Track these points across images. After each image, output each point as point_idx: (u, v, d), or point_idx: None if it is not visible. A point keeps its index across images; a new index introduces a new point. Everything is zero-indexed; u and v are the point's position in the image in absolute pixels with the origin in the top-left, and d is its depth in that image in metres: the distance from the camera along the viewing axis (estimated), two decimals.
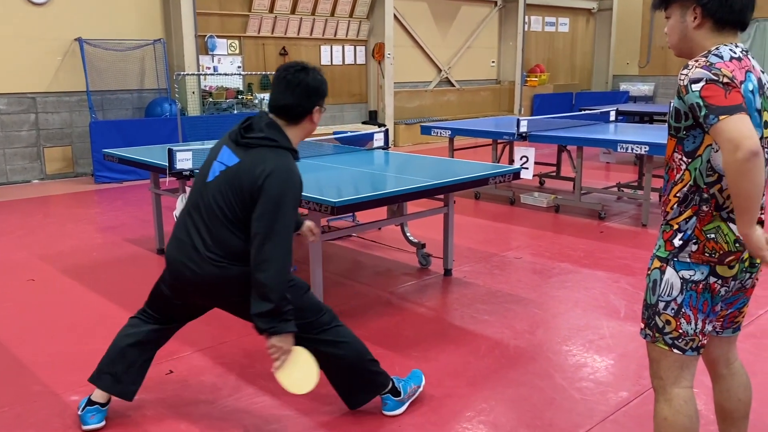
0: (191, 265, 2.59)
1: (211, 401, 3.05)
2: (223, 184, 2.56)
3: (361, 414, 2.93)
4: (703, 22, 1.96)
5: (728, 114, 1.77)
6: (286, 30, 11.28)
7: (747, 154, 1.73)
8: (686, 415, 2.05)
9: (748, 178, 1.76)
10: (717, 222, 1.96)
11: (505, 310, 4.14)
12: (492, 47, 15.10)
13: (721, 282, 1.98)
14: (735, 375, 2.25)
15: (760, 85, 1.95)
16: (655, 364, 2.12)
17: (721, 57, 1.90)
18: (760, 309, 4.09)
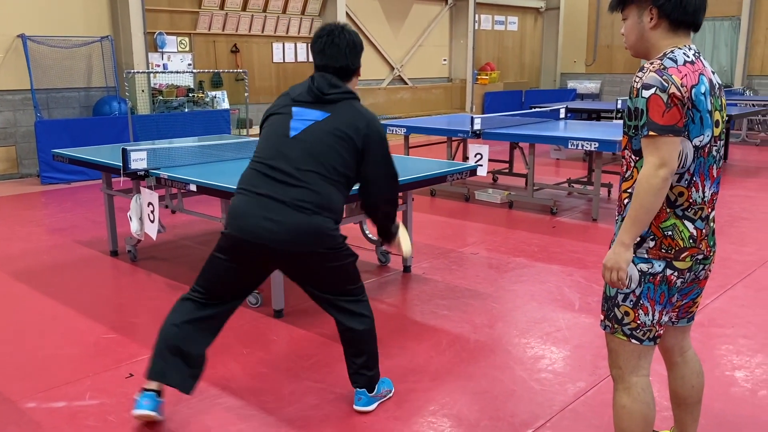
0: (276, 217, 2.60)
1: (174, 403, 3.01)
2: (321, 136, 2.67)
3: (325, 411, 2.95)
4: (659, 23, 2.04)
5: (659, 133, 1.92)
6: (237, 27, 11.15)
7: (667, 174, 1.92)
8: (644, 402, 2.13)
9: (660, 195, 1.94)
10: (672, 220, 2.05)
11: (464, 305, 4.22)
12: (443, 45, 15.24)
13: (677, 274, 2.07)
14: (689, 363, 2.35)
15: (712, 87, 2.04)
16: (613, 354, 2.19)
17: (675, 61, 1.98)
18: (707, 299, 4.27)
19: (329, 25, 2.87)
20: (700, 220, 2.07)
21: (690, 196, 2.05)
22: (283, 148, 2.69)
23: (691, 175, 2.03)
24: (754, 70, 14.09)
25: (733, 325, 3.86)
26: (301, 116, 2.73)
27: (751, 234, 5.86)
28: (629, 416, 2.15)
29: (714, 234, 2.17)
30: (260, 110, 11.69)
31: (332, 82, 2.77)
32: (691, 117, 1.97)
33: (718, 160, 2.12)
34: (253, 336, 3.75)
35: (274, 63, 11.96)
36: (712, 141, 2.05)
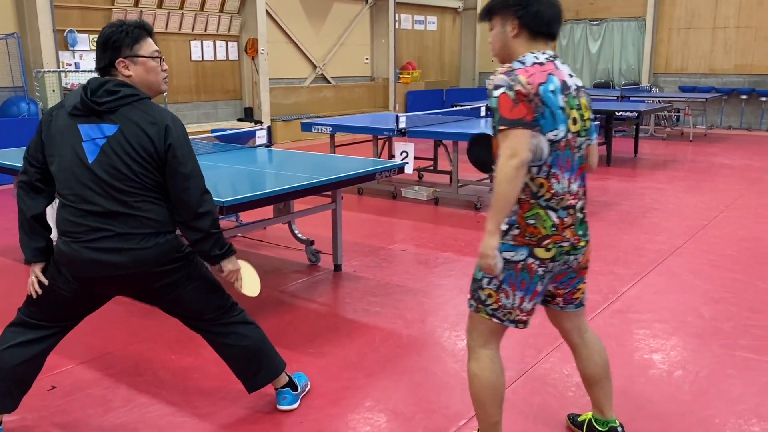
0: (115, 257, 2.42)
1: (101, 414, 2.91)
2: (119, 156, 2.40)
3: (261, 414, 2.92)
4: (519, 32, 2.27)
5: (509, 126, 2.11)
6: (153, 24, 10.82)
7: (518, 163, 2.09)
8: (491, 370, 2.37)
9: (514, 184, 2.11)
10: (536, 209, 2.22)
11: (395, 301, 4.26)
12: (365, 44, 15.30)
13: (539, 263, 2.24)
14: (588, 343, 2.56)
15: (564, 87, 2.23)
16: (471, 327, 2.42)
17: (524, 63, 2.23)
18: (624, 286, 4.48)
19: None
20: (563, 210, 2.23)
21: (551, 187, 2.21)
22: (89, 177, 2.41)
23: (549, 167, 2.20)
24: (659, 68, 14.86)
25: (648, 311, 4.07)
26: (90, 136, 2.42)
27: (662, 224, 6.19)
28: (479, 382, 2.38)
29: (583, 224, 2.33)
30: (179, 110, 11.41)
31: (109, 88, 2.43)
32: (541, 112, 2.15)
33: (583, 156, 2.31)
34: (182, 342, 3.66)
35: (193, 61, 11.69)
36: (572, 136, 2.23)
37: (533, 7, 2.23)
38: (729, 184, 8.09)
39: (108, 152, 2.41)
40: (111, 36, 2.48)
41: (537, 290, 2.29)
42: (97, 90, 2.43)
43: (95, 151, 2.41)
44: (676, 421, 2.84)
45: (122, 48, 2.48)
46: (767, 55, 13.58)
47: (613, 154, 9.80)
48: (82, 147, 2.42)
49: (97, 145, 2.41)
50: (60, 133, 2.46)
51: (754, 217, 6.42)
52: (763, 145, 11.80)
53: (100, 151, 2.41)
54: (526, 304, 2.29)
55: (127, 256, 2.44)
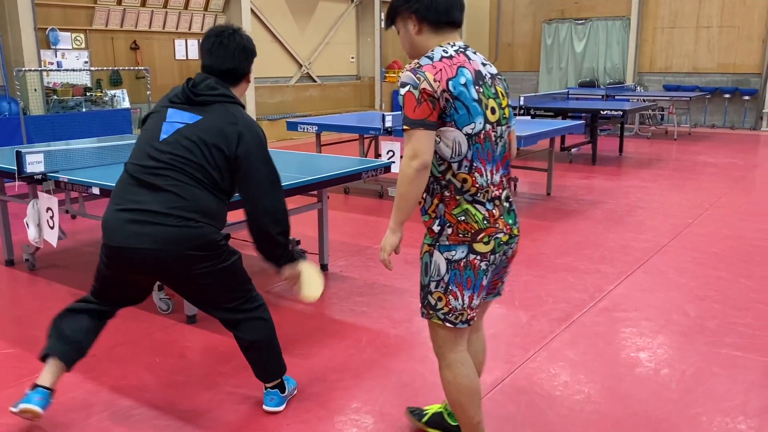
0: (149, 229, 2.51)
1: (83, 419, 2.86)
2: (189, 140, 2.57)
3: (246, 418, 2.88)
4: (421, 27, 2.23)
5: (411, 126, 2.09)
6: (136, 23, 10.73)
7: (419, 165, 2.08)
8: (464, 375, 2.33)
9: (414, 185, 2.11)
10: (464, 205, 2.19)
11: (382, 300, 4.24)
12: (351, 43, 15.27)
13: (480, 258, 2.20)
14: (478, 340, 2.56)
15: (478, 77, 2.18)
16: (433, 335, 2.37)
17: (432, 58, 2.16)
18: (610, 285, 4.49)
19: (222, 26, 2.80)
20: (489, 201, 2.21)
21: (475, 181, 2.18)
22: (153, 152, 2.60)
23: (470, 161, 2.16)
24: (644, 68, 14.95)
25: (635, 309, 4.07)
26: (173, 118, 2.64)
27: (647, 222, 6.22)
28: (456, 389, 2.34)
29: (511, 213, 2.33)
30: None
31: (211, 84, 2.67)
32: (454, 108, 2.10)
33: (505, 145, 2.28)
34: (166, 343, 3.62)
35: (177, 60, 11.60)
36: (491, 127, 2.19)
37: None
38: (713, 183, 8.15)
39: (180, 135, 2.59)
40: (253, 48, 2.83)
41: (483, 285, 2.26)
42: (199, 83, 2.66)
43: (169, 131, 2.61)
44: (663, 419, 2.84)
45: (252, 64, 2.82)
46: (750, 55, 13.71)
47: (599, 153, 9.84)
48: (161, 126, 2.64)
49: (174, 127, 2.62)
50: (153, 115, 2.72)
51: (737, 215, 6.46)
52: (746, 143, 11.91)
53: (174, 131, 2.61)
54: (475, 301, 2.26)
55: (162, 232, 2.51)
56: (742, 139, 12.42)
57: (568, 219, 6.34)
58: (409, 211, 2.16)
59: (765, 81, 13.53)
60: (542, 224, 6.15)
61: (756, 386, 3.12)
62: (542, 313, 4.01)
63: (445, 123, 2.12)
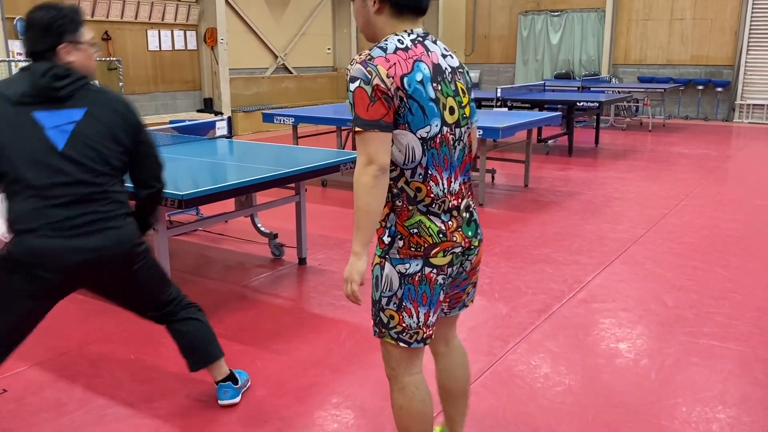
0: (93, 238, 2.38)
1: (55, 418, 2.79)
2: (94, 137, 2.38)
3: (223, 414, 2.83)
4: (381, 8, 1.95)
5: (364, 128, 1.84)
6: (108, 13, 10.51)
7: (376, 170, 1.83)
8: (419, 400, 2.10)
9: (374, 194, 1.84)
10: (417, 217, 1.95)
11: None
12: (327, 34, 15.14)
13: (436, 271, 1.97)
14: (453, 353, 2.28)
15: (436, 72, 1.93)
16: (386, 355, 2.12)
17: (385, 50, 1.89)
18: (588, 275, 4.50)
19: None
20: (445, 213, 1.97)
21: (430, 190, 1.93)
22: (59, 164, 2.33)
23: (424, 168, 1.92)
24: (619, 60, 15.05)
25: (613, 300, 4.09)
26: (56, 122, 2.34)
27: (624, 213, 6.25)
28: (408, 415, 2.11)
29: (472, 224, 2.06)
30: (136, 101, 11.11)
31: (57, 72, 2.34)
32: (408, 108, 1.86)
33: (465, 147, 2.04)
34: (140, 340, 3.54)
35: (150, 51, 11.40)
36: (449, 129, 1.95)
37: None
38: (687, 173, 8.23)
39: (79, 136, 2.36)
40: (54, 21, 2.39)
41: (439, 300, 2.02)
42: (44, 75, 2.33)
43: (65, 137, 2.35)
44: (643, 410, 2.85)
45: (65, 33, 2.39)
46: (722, 47, 13.87)
47: (575, 144, 9.89)
48: (45, 135, 2.33)
49: (64, 131, 2.35)
50: (8, 125, 2.32)
51: (712, 205, 6.53)
52: (719, 134, 12.06)
53: (70, 135, 2.35)
54: (431, 318, 2.01)
55: (108, 236, 2.42)
56: (715, 130, 12.57)
57: (545, 210, 6.36)
58: (374, 226, 1.89)
59: (737, 73, 13.71)
60: (520, 216, 6.15)
61: (734, 376, 3.14)
62: (522, 304, 4.01)
63: (398, 125, 1.87)
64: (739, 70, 13.67)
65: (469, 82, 2.10)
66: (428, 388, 2.14)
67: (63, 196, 2.33)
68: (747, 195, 6.98)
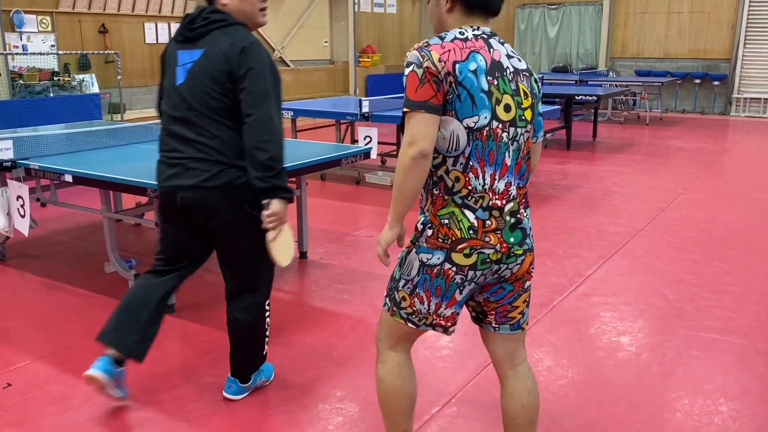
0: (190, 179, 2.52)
1: (60, 412, 2.79)
2: (200, 79, 2.50)
3: (228, 407, 2.84)
4: (453, 6, 2.00)
5: (411, 109, 1.86)
6: (105, 5, 10.46)
7: (416, 153, 1.85)
8: (398, 375, 2.15)
9: (410, 175, 1.87)
10: (451, 207, 1.94)
11: (363, 288, 4.21)
12: (324, 27, 15.10)
13: (456, 270, 1.95)
14: (520, 378, 2.18)
15: (495, 67, 1.94)
16: (381, 327, 2.19)
17: (443, 38, 1.93)
18: (589, 269, 4.52)
19: None
20: (483, 210, 1.93)
21: (468, 182, 1.92)
22: (176, 99, 2.57)
23: (466, 159, 1.91)
24: (616, 53, 15.06)
25: (614, 293, 4.11)
26: (182, 60, 2.57)
27: (623, 207, 6.27)
28: (384, 387, 2.17)
29: (517, 231, 1.98)
30: (133, 94, 11.09)
31: (204, 14, 2.54)
32: (457, 95, 1.87)
33: (520, 150, 2.00)
34: None
35: (147, 44, 11.36)
36: (500, 125, 1.93)
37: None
38: (685, 167, 8.25)
39: (192, 76, 2.52)
40: None
41: (455, 298, 2.00)
42: (195, 17, 2.57)
43: (183, 75, 2.55)
44: (645, 402, 2.87)
45: None
46: (720, 40, 13.88)
47: (573, 138, 9.90)
48: (175, 70, 2.58)
49: (185, 68, 2.55)
50: (167, 59, 2.65)
51: (710, 199, 6.56)
52: (716, 128, 12.09)
53: (187, 74, 2.54)
54: (443, 310, 2.02)
55: (188, 177, 2.53)
56: (712, 124, 12.60)
57: (544, 204, 6.37)
58: (407, 204, 1.92)
59: (734, 66, 13.73)
60: None
61: (734, 369, 3.16)
62: None
63: (446, 111, 1.88)
64: (736, 63, 13.69)
65: (536, 88, 2.07)
66: (412, 369, 2.19)
67: (174, 128, 2.58)
68: (744, 189, 7.01)
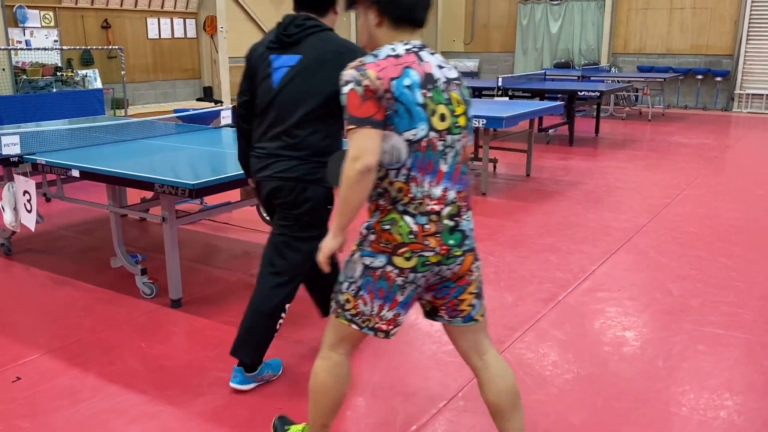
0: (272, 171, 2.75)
1: (69, 406, 2.81)
2: (297, 83, 2.70)
3: (237, 400, 2.86)
4: (381, 20, 2.08)
5: (356, 125, 1.93)
6: (107, 1, 10.45)
7: (362, 167, 1.91)
8: (331, 374, 2.22)
9: (356, 189, 1.94)
10: (393, 215, 2.03)
11: None
12: None
13: (397, 272, 2.03)
14: (490, 366, 2.24)
15: (427, 80, 2.02)
16: (328, 326, 2.25)
17: (377, 56, 2.02)
18: (593, 264, 4.53)
19: None
20: (421, 215, 2.01)
21: (409, 191, 2.01)
22: (272, 102, 2.76)
23: (408, 170, 2.00)
24: (618, 49, 15.04)
25: (619, 289, 4.12)
26: (277, 64, 2.76)
27: (626, 202, 6.28)
28: (315, 381, 2.25)
29: (456, 233, 2.06)
30: (136, 89, 11.08)
31: (297, 21, 2.75)
32: (394, 110, 1.96)
33: (458, 155, 2.08)
34: (151, 328, 3.56)
35: (150, 39, 11.34)
36: (437, 135, 2.02)
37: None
38: (688, 163, 8.26)
39: (288, 79, 2.72)
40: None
41: (396, 299, 2.07)
42: (289, 24, 2.75)
43: (279, 78, 2.74)
44: (651, 397, 2.88)
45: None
46: (722, 36, 13.87)
47: (575, 134, 9.90)
48: (270, 74, 2.76)
49: (281, 72, 2.74)
50: (256, 64, 2.82)
51: (713, 195, 6.56)
52: (718, 124, 12.08)
53: (282, 77, 2.73)
54: (385, 312, 2.09)
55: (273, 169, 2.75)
56: (714, 120, 12.60)
57: (548, 200, 6.38)
58: (352, 216, 1.99)
59: (736, 62, 13.72)
60: (523, 205, 6.18)
61: (740, 363, 3.18)
62: (528, 293, 4.04)
63: (386, 126, 1.96)
64: (738, 59, 13.68)
65: (466, 94, 2.15)
66: (348, 372, 2.25)
67: (266, 126, 2.78)
68: (747, 185, 7.02)
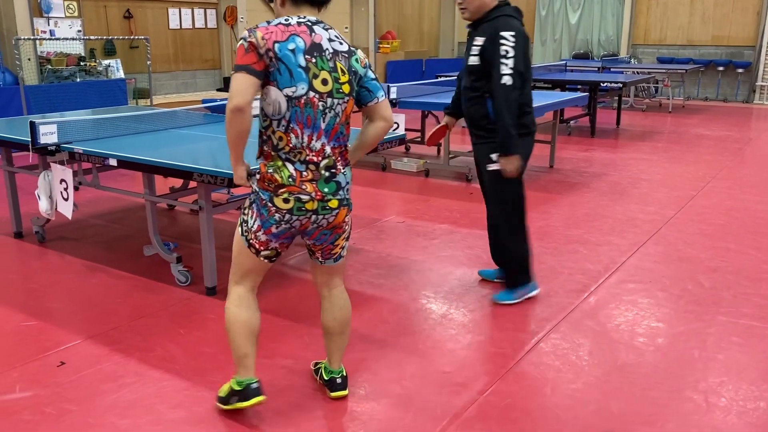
0: None
1: (115, 390, 2.87)
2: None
3: (279, 385, 2.90)
4: (284, 2, 2.45)
5: (236, 70, 2.30)
6: None
7: (233, 106, 2.27)
8: (238, 305, 2.58)
9: (231, 125, 2.32)
10: (277, 161, 2.41)
11: (398, 272, 4.25)
12: (344, 13, 15.05)
13: (275, 209, 2.42)
14: (333, 298, 2.76)
15: (314, 48, 2.39)
16: (233, 266, 2.61)
17: (269, 23, 2.38)
18: (623, 256, 4.53)
19: None
20: (300, 163, 2.40)
21: (289, 141, 2.38)
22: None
23: (287, 122, 2.37)
24: (638, 40, 14.92)
25: (650, 280, 4.12)
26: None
27: (652, 194, 6.26)
28: (228, 315, 2.60)
29: (332, 183, 2.45)
30: (157, 80, 11.14)
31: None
32: (277, 69, 2.32)
33: (337, 116, 2.45)
34: (187, 315, 3.62)
35: (171, 30, 11.40)
36: (317, 96, 2.38)
37: None
38: (711, 155, 8.20)
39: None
40: None
41: (271, 230, 2.45)
42: None
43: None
44: (688, 387, 2.90)
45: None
46: (744, 27, 13.72)
47: (596, 125, 9.86)
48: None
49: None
50: None
51: (739, 187, 6.53)
52: (739, 116, 11.98)
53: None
54: (260, 234, 2.47)
55: None
56: (736, 112, 12.49)
57: (573, 191, 6.37)
58: (238, 147, 2.38)
59: (758, 54, 13.57)
60: (548, 196, 6.17)
61: None
62: (559, 284, 4.05)
63: (269, 82, 2.32)
64: (760, 51, 13.52)
65: (356, 66, 2.49)
66: (253, 301, 2.62)
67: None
68: None
